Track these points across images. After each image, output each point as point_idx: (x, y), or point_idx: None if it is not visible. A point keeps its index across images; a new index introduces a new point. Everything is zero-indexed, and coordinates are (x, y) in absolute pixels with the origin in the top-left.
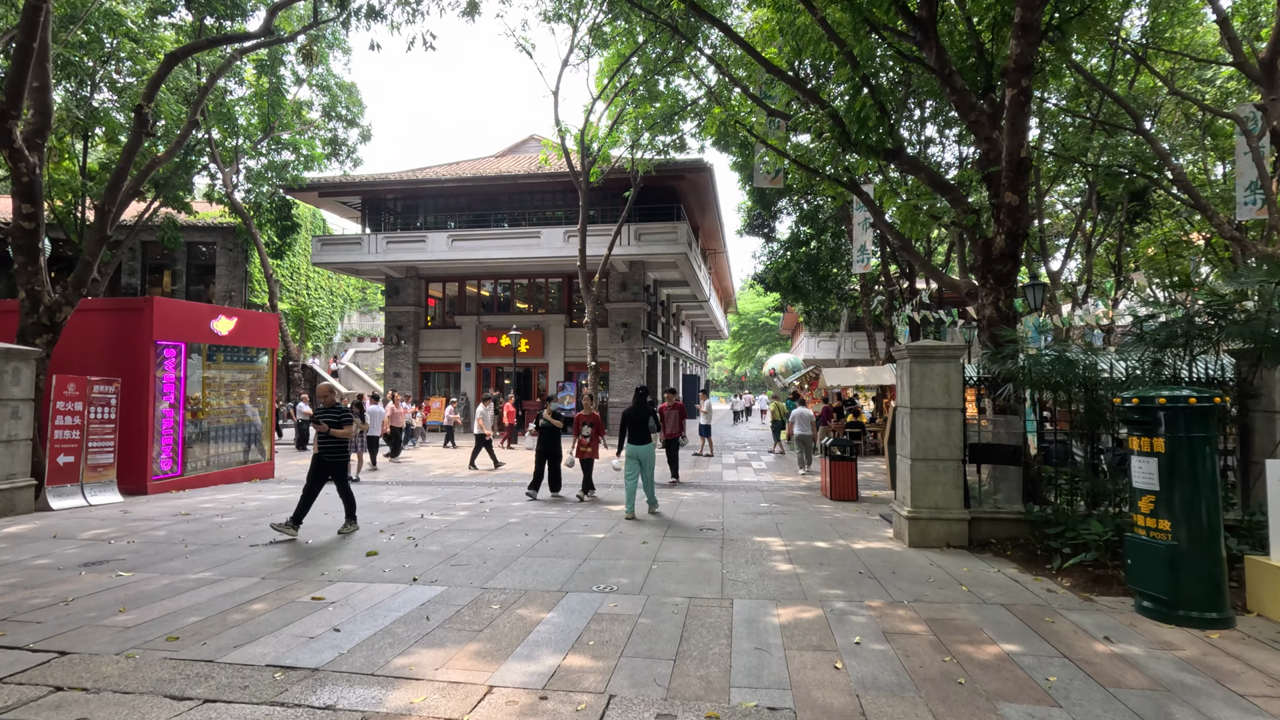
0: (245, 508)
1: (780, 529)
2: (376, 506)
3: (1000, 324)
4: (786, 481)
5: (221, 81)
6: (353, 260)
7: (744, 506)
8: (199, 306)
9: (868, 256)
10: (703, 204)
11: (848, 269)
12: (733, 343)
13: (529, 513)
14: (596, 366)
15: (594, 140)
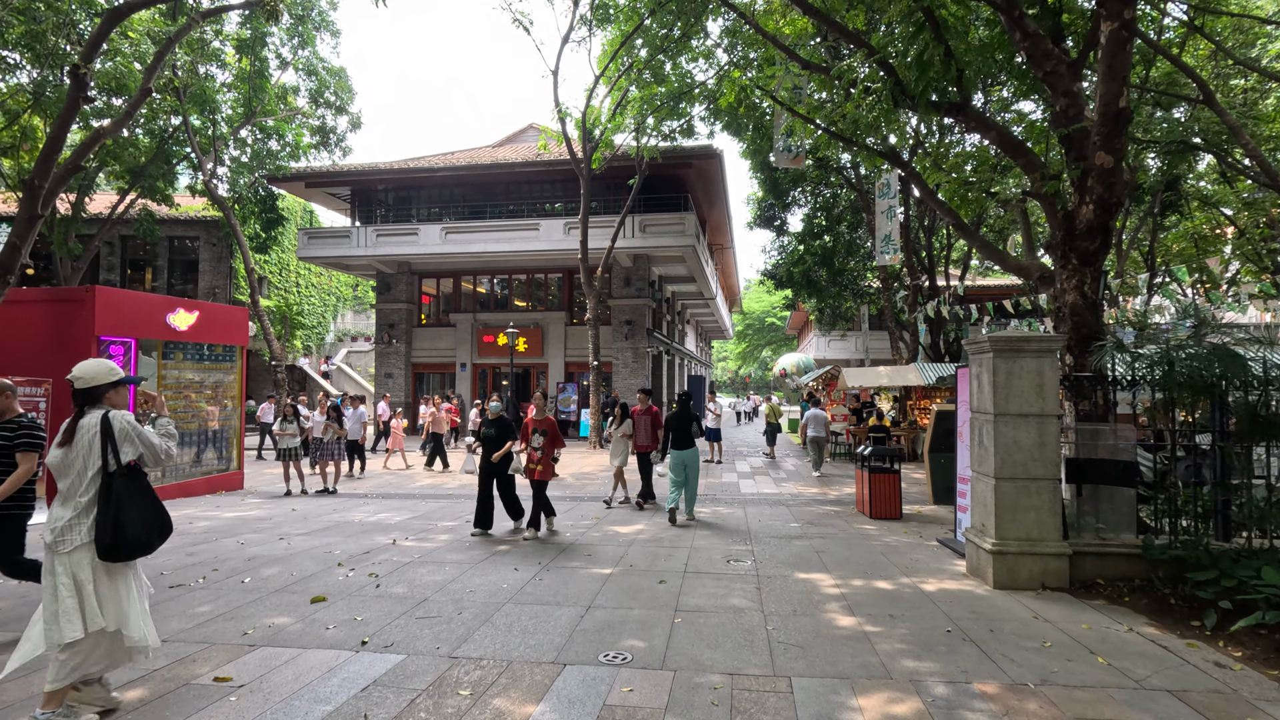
0: (191, 529)
1: (825, 560)
2: (344, 529)
3: (1085, 312)
4: (812, 494)
5: (202, 68)
6: (341, 254)
7: (772, 527)
8: (152, 298)
9: (893, 247)
10: (710, 195)
11: (864, 263)
12: (737, 343)
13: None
14: (599, 366)
15: (596, 125)
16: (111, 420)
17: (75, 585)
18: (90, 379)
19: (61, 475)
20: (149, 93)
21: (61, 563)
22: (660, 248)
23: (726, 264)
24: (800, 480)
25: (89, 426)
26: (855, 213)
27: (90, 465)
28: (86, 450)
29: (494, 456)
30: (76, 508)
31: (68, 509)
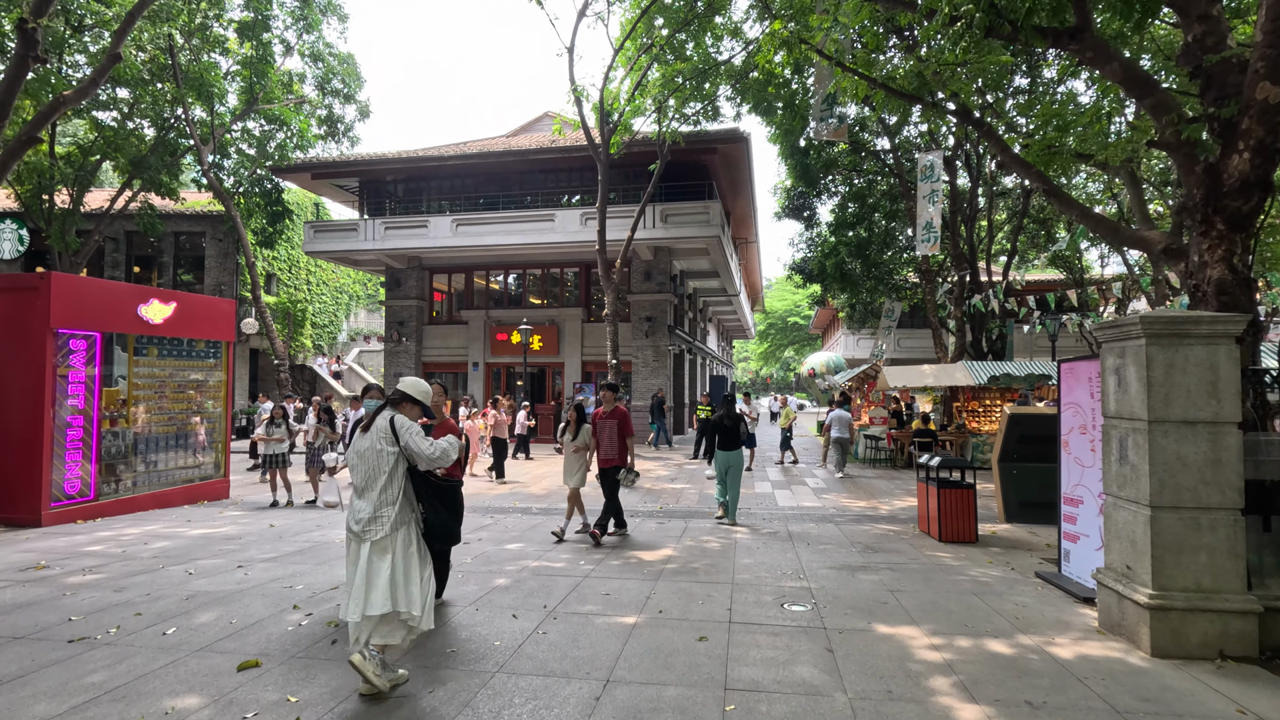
0: (139, 553)
1: (905, 604)
2: (318, 552)
3: (1236, 290)
4: (860, 509)
5: (208, 56)
6: (348, 249)
7: (828, 554)
8: (121, 287)
9: (934, 236)
10: (735, 184)
11: (900, 255)
12: (759, 342)
13: (525, 566)
14: (618, 365)
15: (615, 108)
16: (397, 423)
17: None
18: (407, 388)
19: (356, 470)
20: (117, 58)
21: (375, 549)
22: (683, 239)
23: (750, 259)
24: (841, 490)
25: (378, 427)
26: (893, 200)
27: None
28: (378, 449)
29: None
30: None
31: (368, 502)
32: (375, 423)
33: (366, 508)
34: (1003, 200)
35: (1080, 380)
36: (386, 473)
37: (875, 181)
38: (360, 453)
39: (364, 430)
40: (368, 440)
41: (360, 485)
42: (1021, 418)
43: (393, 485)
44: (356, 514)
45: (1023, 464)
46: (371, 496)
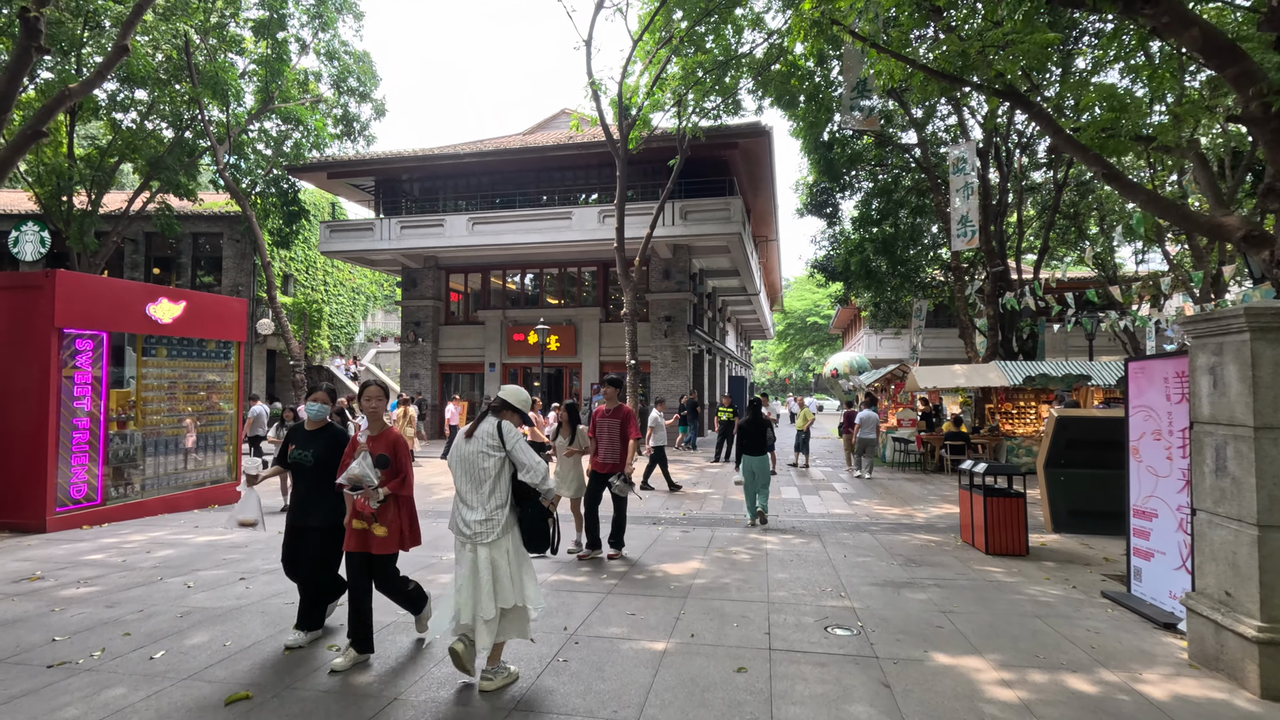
0: (140, 563)
1: (961, 628)
2: None
3: None
4: (895, 516)
5: (224, 56)
6: (364, 248)
7: (867, 567)
8: (129, 285)
9: (970, 229)
10: (756, 180)
11: (927, 252)
12: (778, 343)
13: (543, 581)
14: (636, 366)
15: (633, 103)
16: (503, 430)
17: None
18: (507, 396)
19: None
20: (125, 50)
21: (482, 554)
22: (702, 236)
23: (770, 258)
24: (872, 496)
25: (484, 432)
26: (920, 195)
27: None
28: (485, 454)
29: None
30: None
31: (476, 507)
32: (480, 428)
33: (476, 512)
34: (1031, 196)
35: (1154, 381)
36: (493, 477)
37: (901, 176)
38: (465, 458)
39: (468, 437)
40: (472, 446)
41: (466, 491)
42: (1071, 420)
43: (500, 489)
44: (465, 518)
45: (1072, 470)
46: (480, 501)
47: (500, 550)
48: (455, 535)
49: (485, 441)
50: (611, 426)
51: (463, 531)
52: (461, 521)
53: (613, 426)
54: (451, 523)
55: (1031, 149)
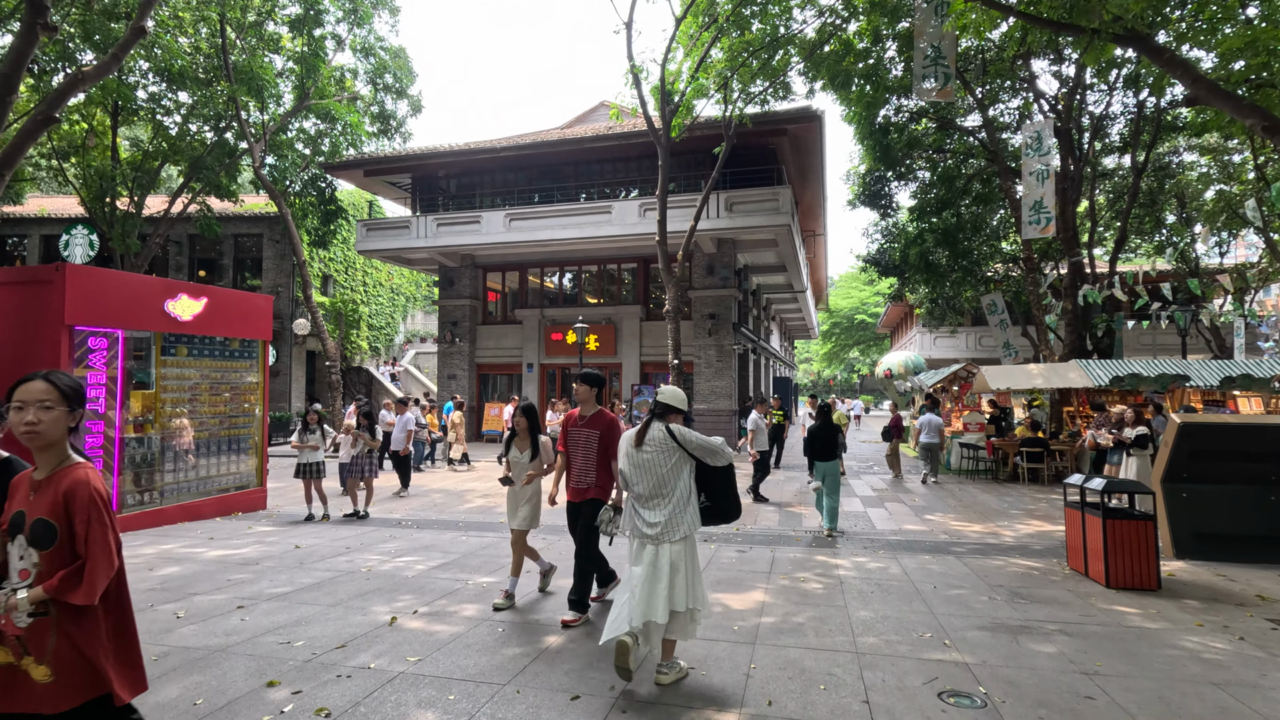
0: (141, 583)
1: (1119, 700)
2: (339, 586)
3: None
4: (978, 534)
5: (263, 55)
6: (400, 246)
7: (965, 602)
8: (147, 281)
9: (1045, 216)
10: (805, 170)
11: (992, 241)
12: (822, 342)
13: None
14: (679, 366)
15: (675, 88)
16: (674, 430)
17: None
18: (669, 399)
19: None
20: (142, 31)
21: (664, 552)
22: (749, 229)
23: (817, 254)
24: (945, 509)
25: (657, 437)
26: (985, 181)
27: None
28: (662, 458)
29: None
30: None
31: (659, 509)
32: (649, 434)
33: (659, 514)
34: (1102, 183)
35: None
36: (676, 477)
37: (964, 162)
38: (641, 465)
39: (638, 443)
40: (647, 452)
41: (647, 494)
42: (1196, 428)
43: (681, 487)
44: (647, 519)
45: (1198, 485)
46: (662, 503)
47: (680, 549)
48: (632, 538)
49: (660, 445)
50: (588, 439)
51: (644, 533)
52: (642, 523)
53: (589, 439)
54: (626, 526)
55: (1104, 132)
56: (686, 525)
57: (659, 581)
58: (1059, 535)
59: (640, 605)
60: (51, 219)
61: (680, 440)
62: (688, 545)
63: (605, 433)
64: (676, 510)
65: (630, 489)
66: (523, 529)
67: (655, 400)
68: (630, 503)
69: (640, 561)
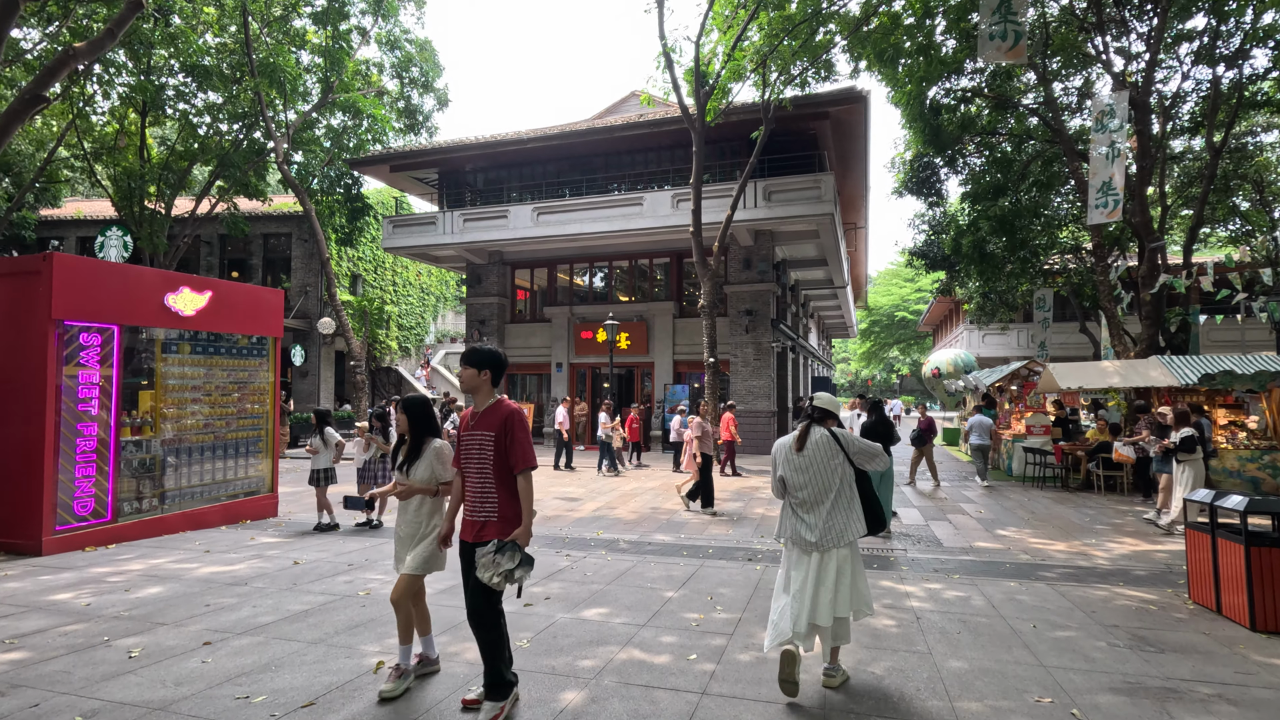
0: (109, 609)
1: None
2: (328, 616)
3: None
4: (1063, 554)
5: (290, 52)
6: (426, 243)
7: (1079, 649)
8: (145, 273)
9: (1114, 199)
10: (846, 158)
11: (1052, 229)
12: (861, 341)
13: (609, 661)
14: (715, 364)
15: (710, 70)
16: (837, 434)
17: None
18: (825, 404)
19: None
20: (139, 6)
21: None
22: (788, 219)
23: (857, 248)
24: (1018, 522)
25: (819, 442)
26: (1047, 164)
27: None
28: (824, 463)
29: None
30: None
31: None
32: (810, 439)
33: (820, 520)
34: (1174, 166)
35: None
36: (839, 483)
37: (1021, 145)
38: (804, 469)
39: (799, 449)
40: (811, 455)
41: (811, 500)
42: None
43: (845, 492)
44: (809, 524)
45: None
46: (825, 509)
47: (846, 554)
48: (791, 546)
49: (823, 448)
50: (481, 447)
51: (806, 539)
52: (805, 528)
53: (483, 447)
54: (786, 533)
55: (1174, 111)
56: (853, 530)
57: (823, 586)
58: (1161, 557)
59: (805, 611)
60: (88, 221)
61: (844, 444)
62: (853, 550)
63: (502, 433)
64: (840, 515)
65: (791, 495)
66: (415, 573)
67: (812, 406)
68: (789, 509)
69: (800, 567)
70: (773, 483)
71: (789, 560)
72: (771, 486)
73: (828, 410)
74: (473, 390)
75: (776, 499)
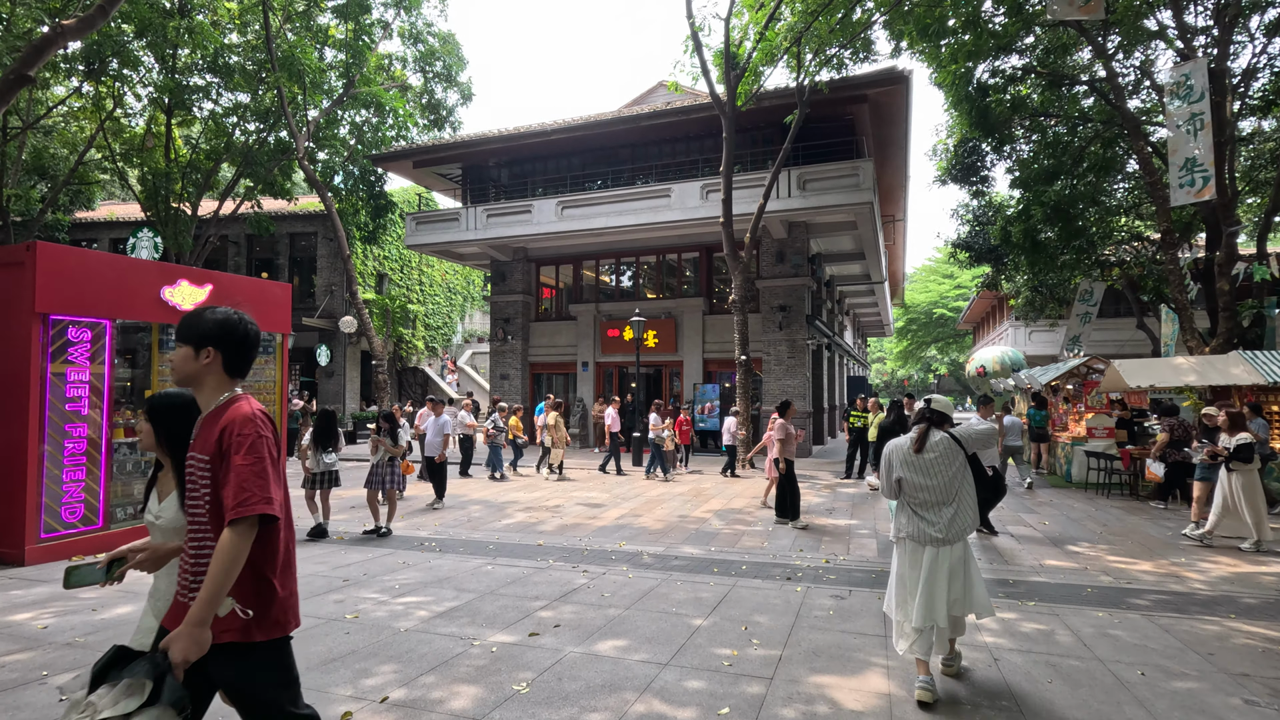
0: (61, 634)
1: None
2: (306, 647)
3: None
4: (1153, 576)
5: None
6: (449, 240)
7: (1209, 711)
8: (140, 265)
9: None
10: (885, 145)
11: (1112, 215)
12: (897, 340)
13: (624, 714)
14: (747, 362)
15: (740, 52)
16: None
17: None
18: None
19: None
20: None
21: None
22: (824, 210)
23: (895, 242)
24: (1091, 536)
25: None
26: (1106, 145)
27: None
28: (946, 463)
29: None
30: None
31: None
32: (930, 440)
33: (948, 515)
34: (1241, 149)
35: None
36: (962, 481)
37: (1077, 127)
38: (927, 470)
39: (918, 451)
40: (933, 456)
41: (935, 500)
42: None
43: (966, 490)
44: (933, 521)
45: None
46: (951, 506)
47: (962, 549)
48: (912, 543)
49: (945, 450)
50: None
51: (932, 535)
52: (928, 525)
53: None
54: (910, 531)
55: (1242, 91)
56: (971, 524)
57: (938, 583)
58: (1269, 582)
59: (922, 609)
60: (120, 223)
61: (964, 444)
62: (968, 547)
63: (217, 457)
64: (962, 511)
65: (910, 496)
66: None
67: (930, 409)
68: (907, 509)
69: (917, 565)
70: (886, 484)
71: (905, 559)
72: (883, 488)
73: (944, 413)
74: (190, 381)
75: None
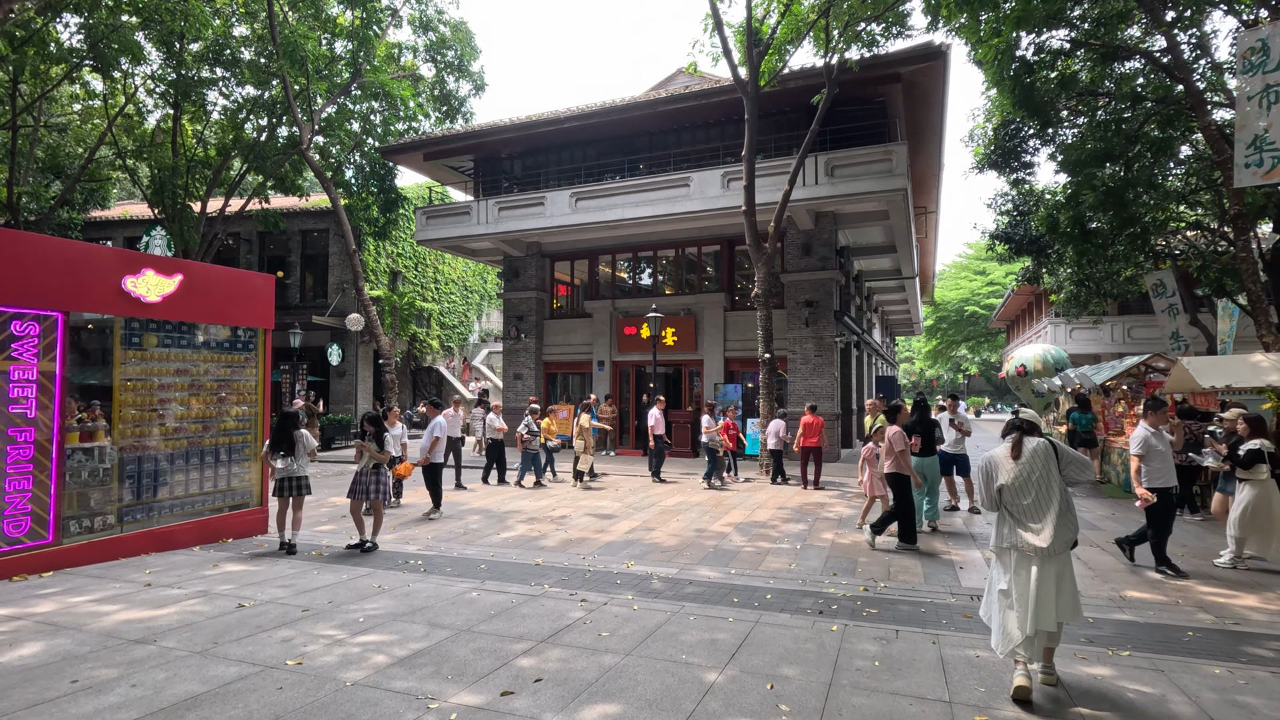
0: None
1: None
2: (245, 692)
3: None
4: (1261, 614)
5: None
6: (461, 234)
7: None
8: (97, 251)
9: (1267, 155)
10: (918, 129)
11: (1171, 202)
12: (926, 339)
13: None
14: (771, 360)
15: (764, 29)
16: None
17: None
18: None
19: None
20: None
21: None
22: (854, 198)
23: (927, 235)
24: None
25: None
26: (1165, 124)
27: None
28: (1044, 471)
29: None
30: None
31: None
32: (1028, 449)
33: (1048, 527)
34: None
35: None
36: (1058, 492)
37: (1132, 106)
38: (1025, 476)
39: (1015, 458)
40: (1030, 466)
41: (1035, 508)
42: None
43: (1063, 500)
44: (1034, 530)
45: None
46: (1051, 517)
47: (1065, 559)
48: (1009, 554)
49: (1041, 457)
50: None
51: (1035, 545)
52: (1030, 534)
53: None
54: (1008, 543)
55: None
56: (1074, 534)
57: (1044, 592)
58: None
59: (1030, 617)
60: (134, 221)
61: (1060, 454)
62: (1069, 557)
63: None
64: (1062, 520)
65: (1011, 505)
66: None
67: (1021, 420)
68: (1009, 518)
69: (1021, 574)
70: (986, 496)
71: (1006, 568)
72: (983, 500)
73: (1035, 423)
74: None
75: None
